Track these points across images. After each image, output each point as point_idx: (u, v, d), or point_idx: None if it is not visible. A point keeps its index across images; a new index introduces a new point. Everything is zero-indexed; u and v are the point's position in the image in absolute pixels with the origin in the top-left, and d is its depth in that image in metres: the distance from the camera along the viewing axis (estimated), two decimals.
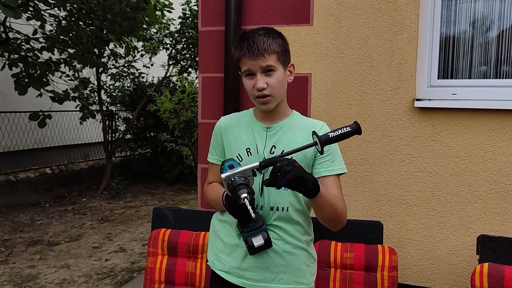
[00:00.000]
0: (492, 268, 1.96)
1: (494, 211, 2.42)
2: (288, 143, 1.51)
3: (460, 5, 2.58)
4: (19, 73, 5.14)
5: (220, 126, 1.62)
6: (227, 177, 1.28)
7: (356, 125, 1.32)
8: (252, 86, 1.46)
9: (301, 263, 1.53)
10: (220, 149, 1.61)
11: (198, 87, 2.98)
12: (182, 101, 4.78)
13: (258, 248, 1.40)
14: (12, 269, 3.97)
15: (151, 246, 2.38)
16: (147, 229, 5.24)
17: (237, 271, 1.51)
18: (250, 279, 1.49)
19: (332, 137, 1.31)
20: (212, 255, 1.60)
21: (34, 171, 6.72)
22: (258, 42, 1.45)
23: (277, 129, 1.55)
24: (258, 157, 1.51)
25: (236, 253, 1.52)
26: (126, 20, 5.91)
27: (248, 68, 1.46)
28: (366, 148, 2.62)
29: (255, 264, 1.48)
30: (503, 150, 2.39)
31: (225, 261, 1.54)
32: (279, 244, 1.48)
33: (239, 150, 1.54)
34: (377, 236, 2.32)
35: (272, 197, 1.49)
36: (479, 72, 2.59)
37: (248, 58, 1.44)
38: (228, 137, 1.59)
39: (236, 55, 1.50)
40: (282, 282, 1.49)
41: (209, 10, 2.88)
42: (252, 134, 1.55)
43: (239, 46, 1.48)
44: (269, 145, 1.52)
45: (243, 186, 1.25)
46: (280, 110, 1.56)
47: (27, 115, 6.44)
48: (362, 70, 2.60)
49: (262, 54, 1.43)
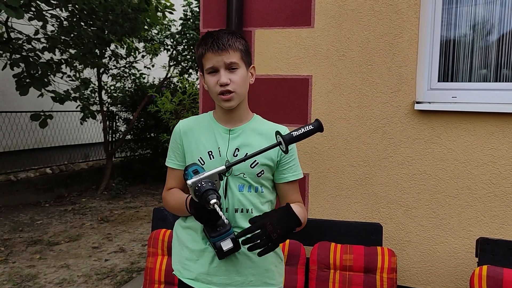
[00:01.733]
0: (491, 270, 1.96)
1: (493, 214, 2.42)
2: (251, 146, 1.50)
3: (461, 9, 2.59)
4: (20, 73, 5.15)
5: (179, 129, 1.58)
6: (193, 183, 1.24)
7: (318, 123, 1.32)
8: (215, 82, 1.46)
9: (269, 264, 1.52)
10: (180, 153, 1.57)
11: (199, 88, 2.99)
12: (183, 102, 4.78)
13: (227, 252, 1.37)
14: (12, 269, 3.98)
15: (151, 246, 2.39)
16: (147, 230, 5.24)
17: (205, 277, 1.47)
18: (219, 284, 1.46)
19: (296, 135, 1.31)
20: (178, 263, 1.56)
21: (34, 171, 6.73)
22: (222, 38, 1.46)
23: (239, 131, 1.53)
24: (221, 160, 1.49)
25: (203, 258, 1.49)
26: (127, 21, 5.92)
27: (212, 65, 1.45)
28: (366, 150, 2.63)
29: (224, 267, 1.46)
30: (502, 153, 2.40)
31: (192, 268, 1.50)
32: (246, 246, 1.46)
33: (201, 153, 1.51)
34: (377, 238, 2.33)
35: (236, 200, 1.48)
36: (479, 76, 2.59)
37: (212, 53, 1.44)
38: (189, 140, 1.55)
39: (200, 52, 1.48)
40: (252, 284, 1.47)
41: (210, 11, 2.89)
42: (214, 137, 1.53)
43: (203, 42, 1.48)
44: (232, 148, 1.51)
45: (211, 191, 1.22)
46: (241, 112, 1.55)
47: (28, 115, 6.46)
48: (362, 72, 2.61)
49: (227, 50, 1.44)
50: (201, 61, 1.50)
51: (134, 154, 8.45)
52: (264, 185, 1.53)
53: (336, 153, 2.67)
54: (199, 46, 1.50)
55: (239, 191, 1.48)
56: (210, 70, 1.47)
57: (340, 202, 2.68)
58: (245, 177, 1.48)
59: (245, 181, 1.49)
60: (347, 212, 2.67)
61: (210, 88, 1.49)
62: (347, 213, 2.67)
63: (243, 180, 1.49)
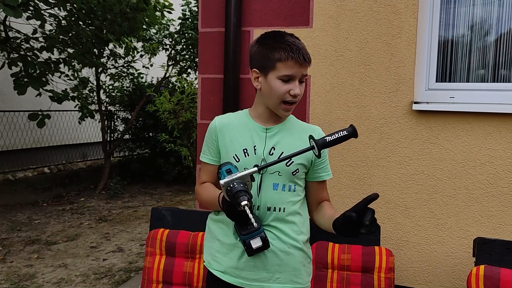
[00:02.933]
0: (488, 270, 1.97)
1: (490, 214, 2.43)
2: (288, 145, 1.52)
3: (459, 9, 2.60)
4: (18, 73, 5.14)
5: (215, 125, 1.59)
6: (225, 183, 1.26)
7: (352, 129, 1.33)
8: (287, 91, 1.45)
9: (298, 263, 1.53)
10: (215, 149, 1.59)
11: (198, 88, 2.99)
12: (181, 101, 4.79)
13: (256, 250, 1.40)
14: (10, 268, 3.97)
15: (149, 246, 2.39)
16: (145, 229, 5.24)
17: (234, 271, 1.51)
18: (247, 278, 1.49)
19: (329, 141, 1.32)
20: (209, 255, 1.60)
21: (32, 171, 6.72)
22: (304, 49, 1.46)
23: (275, 130, 1.55)
24: (256, 157, 1.50)
25: (233, 252, 1.51)
26: (126, 20, 5.92)
27: (291, 74, 1.43)
28: (364, 150, 2.63)
29: (252, 263, 1.49)
30: (500, 153, 2.41)
31: (222, 261, 1.54)
32: (275, 244, 1.48)
33: (236, 150, 1.53)
34: (374, 238, 2.33)
35: (269, 198, 1.50)
36: (477, 76, 2.60)
37: (296, 63, 1.43)
38: (224, 137, 1.57)
39: (279, 55, 1.43)
40: (278, 281, 1.49)
41: (209, 11, 2.90)
42: (250, 135, 1.54)
43: (286, 47, 1.43)
44: (269, 146, 1.52)
45: (242, 193, 1.23)
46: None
47: (26, 114, 6.45)
48: (361, 72, 2.62)
49: (308, 64, 1.46)
50: (275, 64, 1.44)
51: (132, 154, 8.44)
52: (298, 183, 1.55)
53: (334, 153, 2.68)
54: (278, 49, 1.44)
55: (273, 189, 1.50)
56: (285, 78, 1.44)
57: (338, 202, 2.68)
58: (280, 175, 1.50)
59: (280, 179, 1.50)
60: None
61: (276, 93, 1.46)
62: None
63: (278, 178, 1.50)
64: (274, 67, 1.45)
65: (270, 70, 1.46)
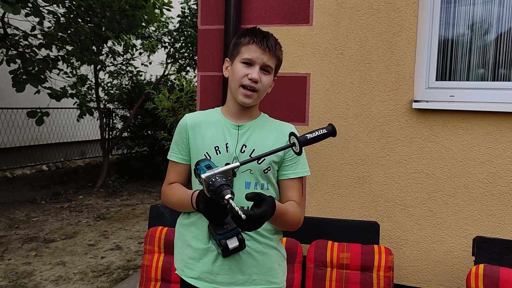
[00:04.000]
0: (487, 269, 1.97)
1: (490, 213, 2.43)
2: (258, 142, 1.50)
3: (459, 8, 2.59)
4: (17, 70, 5.13)
5: (186, 123, 1.55)
6: (207, 177, 1.22)
7: (332, 127, 1.33)
8: (245, 74, 1.46)
9: (273, 262, 1.51)
10: (185, 147, 1.55)
11: (197, 85, 2.98)
12: (180, 99, 4.78)
13: (232, 250, 1.35)
14: (8, 266, 3.96)
15: (148, 244, 2.38)
16: (143, 227, 5.23)
17: (209, 276, 1.46)
18: (222, 282, 1.45)
19: (310, 138, 1.32)
20: (180, 262, 1.54)
21: (30, 168, 6.70)
22: (271, 40, 1.49)
23: (247, 128, 1.53)
24: (228, 155, 1.48)
25: (206, 257, 1.47)
26: (125, 17, 5.90)
27: (251, 57, 1.46)
28: (364, 149, 2.63)
29: (227, 266, 1.44)
30: (499, 152, 2.40)
31: (195, 267, 1.48)
32: (250, 245, 1.44)
33: (207, 148, 1.49)
34: (374, 237, 2.33)
35: (242, 196, 1.43)
36: (476, 75, 2.60)
37: (258, 47, 1.45)
38: (195, 134, 1.53)
39: (244, 40, 1.48)
40: (255, 283, 1.46)
41: (208, 8, 2.88)
42: (222, 132, 1.52)
43: (252, 34, 1.48)
44: (240, 144, 1.50)
45: (225, 186, 1.20)
46: (251, 111, 1.56)
47: (24, 111, 6.42)
48: (360, 70, 2.61)
49: (271, 52, 1.47)
50: (239, 49, 1.49)
51: (131, 152, 8.43)
52: (271, 181, 1.52)
53: (334, 151, 2.67)
54: (245, 35, 1.49)
55: (246, 188, 1.47)
56: (246, 60, 1.46)
57: (338, 200, 2.68)
58: (252, 173, 1.47)
59: (252, 177, 1.48)
60: (344, 210, 2.67)
61: (236, 76, 1.48)
62: (345, 212, 2.67)
63: (250, 176, 1.47)
64: (239, 52, 1.49)
65: (236, 56, 1.50)
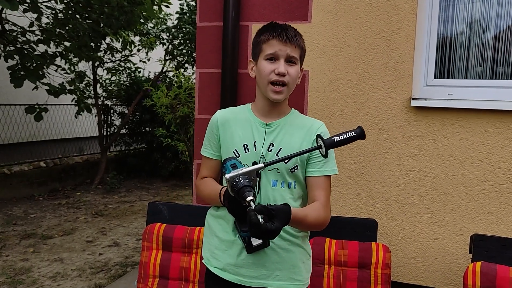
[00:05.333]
0: (484, 267, 1.97)
1: (487, 210, 2.44)
2: (285, 142, 1.51)
3: (458, 6, 2.59)
4: (14, 66, 5.11)
5: (217, 120, 1.58)
6: (231, 177, 1.24)
7: (360, 130, 1.33)
8: (271, 70, 1.45)
9: (297, 260, 1.52)
10: (216, 143, 1.58)
11: (195, 82, 2.97)
12: (179, 96, 4.77)
13: (256, 247, 1.38)
14: (5, 262, 3.96)
15: (146, 240, 2.38)
16: (141, 224, 5.23)
17: (233, 268, 1.49)
18: (246, 275, 1.48)
19: (337, 141, 1.32)
20: (208, 252, 1.58)
21: (28, 164, 6.69)
22: (291, 31, 1.48)
23: (275, 126, 1.54)
24: (256, 154, 1.49)
25: (232, 249, 1.50)
26: (123, 14, 5.88)
27: (274, 52, 1.45)
28: (362, 146, 2.63)
29: (251, 260, 1.47)
30: (497, 150, 2.41)
31: (220, 258, 1.52)
32: (275, 241, 1.46)
33: (236, 145, 1.52)
34: (371, 234, 2.33)
35: (269, 195, 1.48)
36: (475, 73, 2.60)
37: (279, 41, 1.44)
38: (225, 131, 1.56)
39: (264, 37, 1.47)
40: (278, 279, 1.48)
41: (207, 5, 2.88)
42: (250, 130, 1.53)
43: (270, 29, 1.47)
44: (267, 143, 1.51)
45: (248, 188, 1.21)
46: (281, 108, 1.56)
47: (22, 108, 6.41)
48: (359, 68, 2.61)
49: (294, 43, 1.46)
50: (261, 47, 1.48)
51: (129, 149, 8.42)
52: (298, 180, 1.52)
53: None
54: (264, 32, 1.48)
55: (272, 187, 1.48)
56: (270, 56, 1.45)
57: (335, 198, 2.68)
58: (278, 172, 1.48)
59: (278, 176, 1.48)
60: (342, 207, 2.68)
61: (262, 74, 1.47)
62: (342, 209, 2.68)
63: (277, 175, 1.48)
64: (261, 50, 1.48)
65: (259, 54, 1.49)
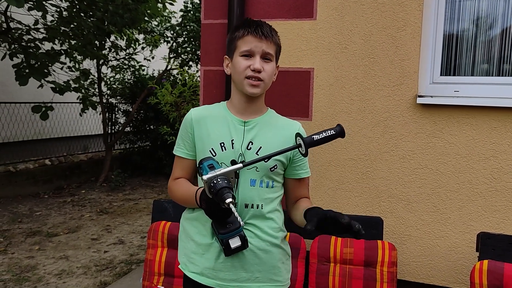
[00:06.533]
0: (491, 265, 1.96)
1: (494, 208, 2.42)
2: (265, 141, 1.48)
3: (464, 3, 2.57)
4: (19, 64, 5.12)
5: (191, 118, 1.52)
6: (209, 179, 1.18)
7: (340, 128, 1.30)
8: (247, 66, 1.43)
9: (276, 261, 1.49)
10: (190, 142, 1.52)
11: (200, 80, 2.97)
12: (183, 94, 4.76)
13: (234, 250, 1.34)
14: (11, 260, 3.98)
15: (151, 238, 2.38)
16: (146, 222, 5.24)
17: (211, 272, 1.44)
18: (224, 279, 1.43)
19: (317, 139, 1.29)
20: (184, 257, 1.52)
21: (33, 162, 6.71)
22: (266, 28, 1.46)
23: (253, 124, 1.50)
24: (234, 152, 1.45)
25: (209, 253, 1.45)
26: (127, 12, 5.88)
27: (249, 48, 1.43)
28: (368, 144, 2.62)
29: (230, 263, 1.43)
30: (504, 148, 2.39)
31: (198, 262, 1.47)
32: (254, 242, 1.43)
33: (212, 144, 1.46)
34: (377, 232, 2.32)
35: (247, 194, 1.44)
36: (481, 70, 2.58)
37: (254, 37, 1.43)
38: (200, 130, 1.50)
39: (239, 33, 1.46)
40: (257, 280, 1.44)
41: (212, 3, 2.87)
42: (227, 128, 1.49)
43: (246, 25, 1.46)
44: (247, 141, 1.47)
45: (227, 190, 1.16)
46: (257, 105, 1.53)
47: (27, 106, 6.44)
48: (365, 65, 2.59)
49: (269, 39, 1.45)
50: (236, 43, 1.46)
51: (133, 146, 8.43)
52: (276, 180, 1.50)
53: (337, 146, 2.66)
54: (238, 28, 1.47)
55: (251, 186, 1.44)
56: (245, 53, 1.44)
57: (341, 196, 2.67)
58: (257, 171, 1.45)
59: (257, 175, 1.45)
60: (347, 205, 2.67)
61: (238, 70, 1.45)
62: (348, 207, 2.67)
63: (256, 174, 1.45)
64: (236, 46, 1.47)
65: (234, 51, 1.48)
